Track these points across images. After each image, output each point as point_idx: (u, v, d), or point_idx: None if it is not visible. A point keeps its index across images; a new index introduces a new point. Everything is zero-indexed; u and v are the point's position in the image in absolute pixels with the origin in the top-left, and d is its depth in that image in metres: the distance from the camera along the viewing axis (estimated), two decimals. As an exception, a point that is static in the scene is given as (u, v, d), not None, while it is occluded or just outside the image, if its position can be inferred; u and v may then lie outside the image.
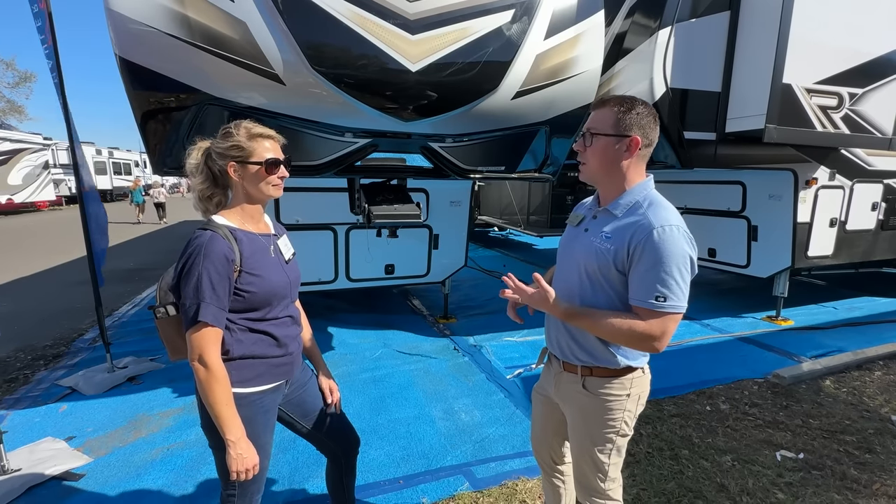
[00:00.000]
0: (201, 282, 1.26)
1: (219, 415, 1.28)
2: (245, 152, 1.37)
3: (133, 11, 1.98)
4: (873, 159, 4.77)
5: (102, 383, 3.47)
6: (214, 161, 1.39)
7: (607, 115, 1.29)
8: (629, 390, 1.38)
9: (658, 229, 1.20)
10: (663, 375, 3.56)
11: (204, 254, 1.27)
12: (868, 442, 2.69)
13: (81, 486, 2.37)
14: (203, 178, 1.40)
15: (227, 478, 1.42)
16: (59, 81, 3.30)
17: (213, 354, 1.28)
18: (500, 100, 2.64)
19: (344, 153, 2.86)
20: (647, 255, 1.20)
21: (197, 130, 2.33)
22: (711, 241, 5.36)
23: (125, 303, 5.94)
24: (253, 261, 1.37)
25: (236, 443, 1.30)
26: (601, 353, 1.37)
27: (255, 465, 1.34)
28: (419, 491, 2.32)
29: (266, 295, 1.40)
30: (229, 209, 1.42)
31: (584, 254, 1.35)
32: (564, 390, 1.48)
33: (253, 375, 1.40)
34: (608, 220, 1.33)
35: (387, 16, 2.25)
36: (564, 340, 1.44)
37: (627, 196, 1.32)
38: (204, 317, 1.26)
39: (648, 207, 1.26)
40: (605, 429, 1.40)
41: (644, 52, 3.43)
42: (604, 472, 1.45)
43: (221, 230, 1.34)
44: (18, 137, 19.01)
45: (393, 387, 3.46)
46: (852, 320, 4.92)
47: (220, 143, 1.38)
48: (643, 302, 1.22)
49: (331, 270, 4.47)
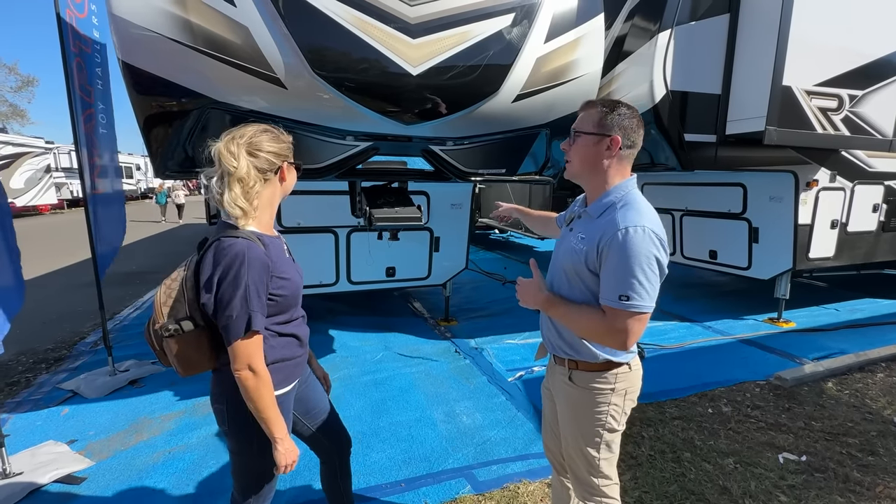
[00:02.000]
0: (249, 292, 1.26)
1: (269, 417, 1.32)
2: (291, 153, 1.41)
3: (136, 16, 2.00)
4: (874, 161, 4.77)
5: (104, 386, 3.47)
6: (265, 161, 1.34)
7: (591, 115, 1.34)
8: (614, 385, 1.41)
9: (622, 230, 1.23)
10: (665, 377, 3.56)
11: (248, 263, 1.26)
12: (871, 444, 2.68)
13: (83, 490, 2.37)
14: (255, 180, 1.33)
15: (244, 481, 1.47)
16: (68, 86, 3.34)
17: (260, 360, 1.31)
18: (501, 103, 2.64)
19: (345, 156, 2.87)
20: (613, 255, 1.24)
21: (199, 134, 2.35)
22: (712, 243, 5.36)
23: (126, 306, 5.96)
24: (280, 264, 1.38)
25: (283, 440, 1.35)
26: (581, 346, 1.41)
27: (297, 458, 1.40)
28: (421, 494, 2.32)
29: (293, 297, 1.43)
30: (256, 214, 1.37)
31: (565, 254, 1.41)
32: (555, 382, 1.55)
33: (283, 378, 1.44)
34: (587, 220, 1.38)
35: (388, 19, 2.26)
36: (551, 334, 1.50)
37: (606, 196, 1.35)
38: (256, 325, 1.27)
39: (621, 209, 1.29)
40: (591, 423, 1.44)
41: (644, 55, 3.43)
42: (594, 466, 1.47)
43: (251, 237, 1.31)
44: (20, 141, 19.08)
45: (394, 389, 3.46)
46: (854, 322, 4.90)
47: (272, 143, 1.35)
48: (609, 301, 1.26)
49: (332, 273, 4.47)
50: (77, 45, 3.45)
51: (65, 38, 3.26)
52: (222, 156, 1.30)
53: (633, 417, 2.96)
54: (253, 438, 1.37)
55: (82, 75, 3.52)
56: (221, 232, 1.31)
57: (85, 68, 3.57)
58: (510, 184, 9.95)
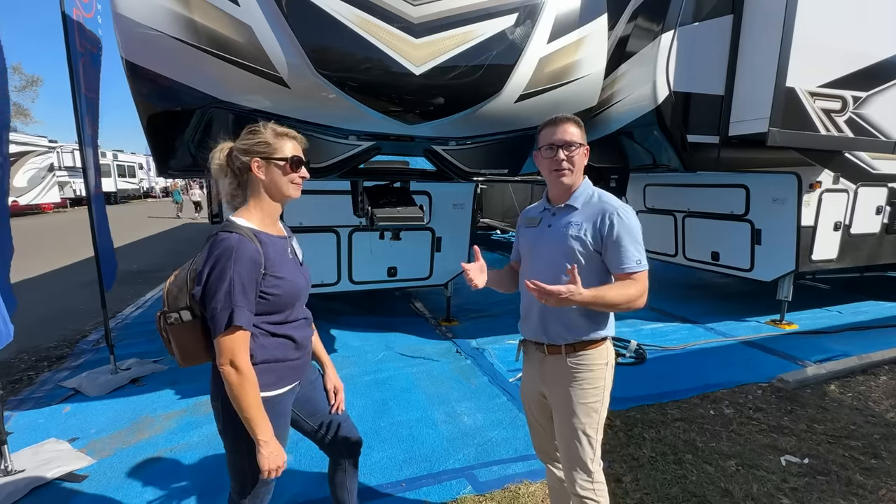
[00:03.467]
0: (234, 286, 1.26)
1: (251, 417, 1.30)
2: (271, 148, 1.37)
3: (140, 15, 2.00)
4: (878, 163, 4.75)
5: (106, 385, 3.48)
6: (236, 158, 1.38)
7: (577, 129, 1.56)
8: (607, 359, 1.59)
9: (619, 210, 1.50)
10: (667, 379, 3.55)
11: (235, 257, 1.27)
12: (874, 447, 2.67)
13: (84, 488, 2.38)
14: (231, 178, 1.40)
15: (240, 480, 1.45)
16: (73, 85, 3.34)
17: (244, 357, 1.29)
18: (504, 103, 2.64)
19: (347, 156, 2.87)
20: (618, 232, 1.47)
21: (202, 133, 2.35)
22: (715, 245, 5.34)
23: (129, 304, 5.96)
24: (276, 263, 1.37)
25: (268, 443, 1.33)
26: (586, 328, 1.56)
27: (284, 463, 1.38)
28: (421, 494, 2.31)
29: (289, 297, 1.41)
30: (248, 210, 1.40)
31: (559, 244, 1.55)
32: (550, 372, 1.61)
33: (275, 379, 1.41)
34: (569, 212, 1.57)
35: (391, 19, 2.26)
36: (553, 325, 1.58)
37: (581, 192, 1.58)
38: (239, 321, 1.27)
39: (601, 197, 1.57)
40: (590, 399, 1.56)
41: (647, 56, 3.43)
42: (593, 448, 1.57)
43: (245, 232, 1.32)
44: (24, 140, 19.15)
45: (395, 389, 3.46)
46: (857, 324, 4.88)
47: (246, 139, 1.38)
48: (628, 268, 1.47)
49: (333, 273, 4.48)
50: (84, 45, 3.45)
51: (70, 37, 3.27)
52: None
53: (635, 419, 2.95)
54: (247, 438, 1.35)
55: (88, 75, 3.53)
56: (221, 227, 1.34)
57: (91, 67, 3.58)
58: (512, 184, 9.95)
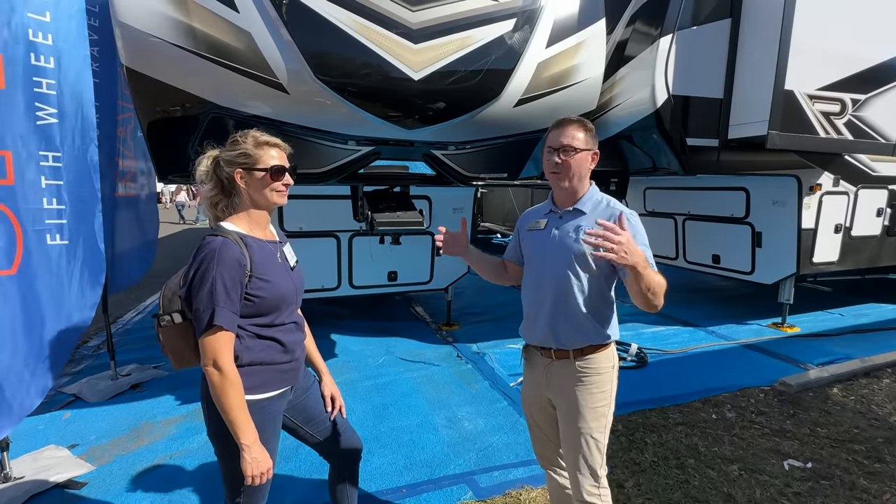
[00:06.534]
0: (216, 286, 1.28)
1: (234, 419, 1.29)
2: (251, 159, 1.39)
3: (141, 23, 2.02)
4: (878, 165, 4.74)
5: (106, 391, 3.47)
6: (222, 168, 1.41)
7: (580, 133, 1.53)
8: (613, 361, 1.60)
9: (629, 215, 1.51)
10: (668, 383, 3.54)
11: (218, 259, 1.29)
12: (877, 451, 2.65)
13: (84, 494, 2.36)
14: (212, 186, 1.43)
15: (232, 485, 1.42)
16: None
17: (227, 359, 1.30)
18: (503, 107, 2.65)
19: (347, 161, 2.87)
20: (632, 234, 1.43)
21: (201, 139, 2.36)
22: (715, 248, 5.34)
23: (129, 310, 5.97)
24: (263, 266, 1.39)
25: (251, 447, 1.31)
26: (594, 331, 1.56)
27: (268, 469, 1.36)
28: (422, 500, 2.30)
29: (275, 300, 1.42)
30: (237, 216, 1.44)
31: (568, 247, 1.55)
32: (557, 377, 1.60)
33: (261, 382, 1.41)
34: (577, 216, 1.57)
35: (389, 25, 2.27)
36: (562, 329, 1.57)
37: (589, 197, 1.59)
38: (219, 321, 1.27)
39: (610, 203, 1.58)
40: (597, 402, 1.55)
41: (646, 60, 3.44)
42: (601, 452, 1.55)
43: (232, 236, 1.36)
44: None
45: (396, 394, 3.44)
46: (859, 327, 4.87)
47: (229, 150, 1.41)
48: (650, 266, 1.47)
49: (334, 277, 4.47)
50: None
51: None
52: None
53: (637, 423, 2.94)
54: (234, 442, 1.33)
55: None
56: (209, 231, 1.38)
57: None
58: (512, 188, 9.95)
